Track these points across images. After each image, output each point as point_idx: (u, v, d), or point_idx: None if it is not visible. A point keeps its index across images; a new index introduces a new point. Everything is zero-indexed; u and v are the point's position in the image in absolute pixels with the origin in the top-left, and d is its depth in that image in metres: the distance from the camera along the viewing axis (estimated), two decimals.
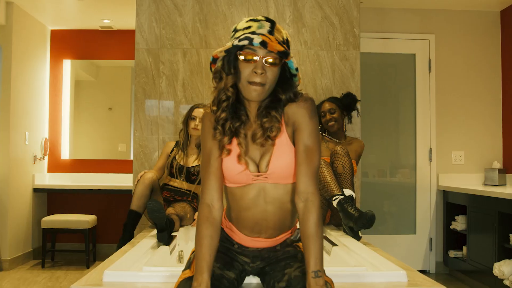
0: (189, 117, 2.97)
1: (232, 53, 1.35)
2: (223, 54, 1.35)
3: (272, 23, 1.36)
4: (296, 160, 1.37)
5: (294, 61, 1.36)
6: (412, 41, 4.30)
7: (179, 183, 2.96)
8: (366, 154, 4.06)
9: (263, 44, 1.29)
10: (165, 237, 2.35)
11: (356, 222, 2.41)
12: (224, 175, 1.40)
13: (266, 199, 1.39)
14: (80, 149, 4.93)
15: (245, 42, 1.30)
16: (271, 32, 1.33)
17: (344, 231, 2.60)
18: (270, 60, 1.31)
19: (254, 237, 1.45)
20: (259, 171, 1.38)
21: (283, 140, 1.38)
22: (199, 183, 3.00)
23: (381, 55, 4.34)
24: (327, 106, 3.07)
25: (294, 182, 1.39)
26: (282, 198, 1.40)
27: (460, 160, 4.28)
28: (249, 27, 1.34)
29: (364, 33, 4.09)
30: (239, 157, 1.37)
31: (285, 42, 1.36)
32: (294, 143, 1.38)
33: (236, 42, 1.31)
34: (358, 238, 2.48)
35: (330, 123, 3.04)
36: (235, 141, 1.39)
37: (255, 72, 1.31)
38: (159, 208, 2.33)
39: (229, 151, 1.37)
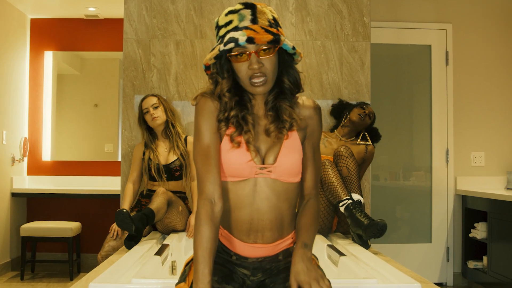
0: (141, 113, 3.02)
1: (223, 57, 1.41)
2: (213, 61, 1.41)
3: (253, 8, 1.39)
4: (303, 163, 1.49)
5: (288, 42, 1.39)
6: (427, 31, 4.30)
7: (163, 185, 2.96)
8: (377, 155, 4.05)
9: (250, 40, 1.33)
10: (131, 246, 2.49)
11: (365, 230, 2.41)
12: (225, 166, 1.43)
13: (261, 195, 1.43)
14: (63, 149, 4.94)
15: (231, 45, 1.34)
16: (254, 20, 1.37)
17: (352, 239, 2.60)
18: (264, 51, 1.36)
19: (251, 242, 1.46)
20: (263, 164, 1.43)
21: (295, 137, 1.46)
22: (180, 178, 3.00)
23: (394, 47, 4.34)
24: (371, 110, 3.11)
25: (293, 182, 1.46)
26: (278, 196, 1.44)
27: (480, 162, 4.28)
28: (230, 21, 1.39)
29: (375, 22, 4.09)
30: (247, 144, 1.42)
31: (273, 24, 1.39)
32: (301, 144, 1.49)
33: (222, 47, 1.35)
34: (367, 246, 2.49)
35: (361, 117, 3.04)
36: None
37: (252, 68, 1.36)
38: (125, 218, 2.46)
39: (239, 144, 1.42)
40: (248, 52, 1.35)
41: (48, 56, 4.93)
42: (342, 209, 2.57)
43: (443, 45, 4.31)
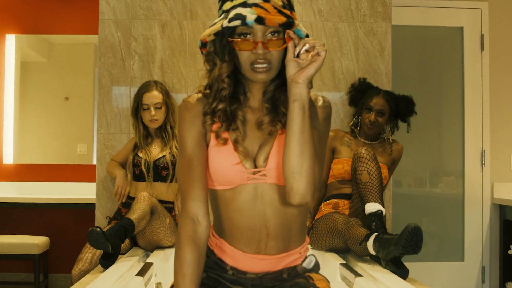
0: (139, 106, 3.01)
1: (224, 35, 1.40)
2: (212, 37, 1.40)
3: None
4: None
5: (301, 28, 1.39)
6: (459, 11, 4.30)
7: (147, 189, 2.95)
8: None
9: (259, 20, 1.32)
10: (109, 266, 2.47)
11: (396, 244, 2.25)
12: (212, 172, 1.44)
13: (265, 198, 1.44)
14: (28, 151, 4.93)
15: (237, 23, 1.33)
16: None
17: (383, 266, 2.45)
18: (273, 40, 1.35)
19: (252, 253, 1.46)
20: (256, 167, 1.43)
21: None
22: (166, 179, 3.03)
23: (419, 29, 4.34)
24: (380, 102, 3.02)
25: None
26: (284, 200, 1.43)
27: None
28: None
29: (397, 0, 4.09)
30: (235, 143, 1.43)
31: (287, 6, 1.39)
32: None
33: (225, 23, 1.35)
34: (405, 276, 2.32)
35: (370, 126, 3.03)
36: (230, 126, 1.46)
37: (257, 53, 1.35)
38: (99, 238, 2.44)
39: (225, 140, 1.43)
40: (252, 40, 1.35)
41: (10, 40, 4.92)
42: (370, 248, 2.43)
43: (478, 27, 4.31)
